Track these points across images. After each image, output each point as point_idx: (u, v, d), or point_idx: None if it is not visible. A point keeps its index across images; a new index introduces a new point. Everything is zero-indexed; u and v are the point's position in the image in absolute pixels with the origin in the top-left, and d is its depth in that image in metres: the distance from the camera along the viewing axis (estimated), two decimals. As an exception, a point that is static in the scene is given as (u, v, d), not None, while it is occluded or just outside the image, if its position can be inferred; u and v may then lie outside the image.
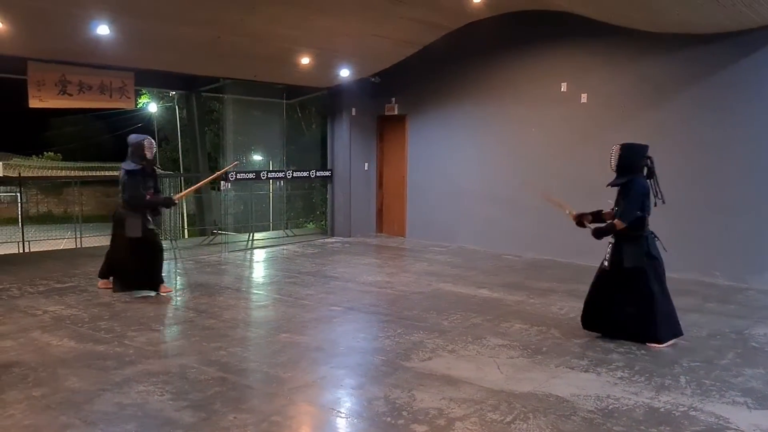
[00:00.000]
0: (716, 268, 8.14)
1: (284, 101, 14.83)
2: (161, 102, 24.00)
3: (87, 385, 4.32)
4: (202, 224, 15.16)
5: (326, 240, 11.83)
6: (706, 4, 6.79)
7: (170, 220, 14.07)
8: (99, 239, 13.38)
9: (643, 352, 5.23)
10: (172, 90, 18.24)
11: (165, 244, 11.35)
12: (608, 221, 5.53)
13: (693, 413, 3.98)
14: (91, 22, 7.85)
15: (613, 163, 5.45)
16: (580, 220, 5.79)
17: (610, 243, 5.53)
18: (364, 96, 12.08)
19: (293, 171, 12.11)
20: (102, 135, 32.34)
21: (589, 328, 5.66)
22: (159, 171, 7.64)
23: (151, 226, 7.02)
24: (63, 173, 21.20)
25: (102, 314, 6.21)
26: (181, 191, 9.90)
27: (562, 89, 9.55)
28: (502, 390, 4.32)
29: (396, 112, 11.95)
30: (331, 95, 12.35)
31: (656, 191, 5.43)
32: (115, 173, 19.00)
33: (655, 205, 5.40)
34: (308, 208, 16.85)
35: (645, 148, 5.49)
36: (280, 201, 15.41)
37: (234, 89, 14.23)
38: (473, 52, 10.52)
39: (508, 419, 3.84)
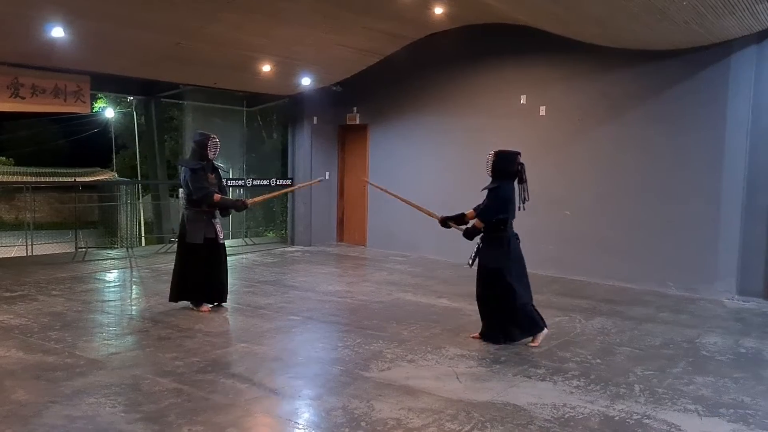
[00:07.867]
0: (670, 279, 8.33)
1: (245, 109, 14.72)
2: (118, 107, 23.54)
3: (35, 398, 4.18)
4: (160, 232, 14.90)
5: (286, 249, 11.74)
6: (661, 22, 6.99)
7: (127, 227, 13.80)
8: (51, 247, 13.02)
9: (598, 361, 5.31)
10: (130, 95, 17.91)
11: (120, 252, 11.24)
12: (469, 221, 5.81)
13: (646, 421, 4.05)
14: (46, 24, 7.65)
15: (489, 168, 5.72)
16: (445, 222, 6.03)
17: (477, 244, 5.75)
18: (326, 105, 12.05)
19: (253, 179, 11.99)
20: (57, 140, 31.61)
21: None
22: (222, 170, 7.10)
23: (213, 236, 6.58)
24: (15, 178, 20.55)
25: (53, 324, 6.04)
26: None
27: (522, 102, 9.69)
28: (461, 399, 4.33)
29: (358, 122, 11.95)
30: (292, 103, 12.29)
31: (523, 196, 5.70)
32: (69, 179, 18.61)
33: (520, 209, 5.66)
34: (268, 217, 16.71)
35: (516, 154, 5.75)
36: (240, 209, 15.22)
37: (194, 96, 14.07)
38: (435, 63, 10.61)
39: (466, 429, 3.85)
